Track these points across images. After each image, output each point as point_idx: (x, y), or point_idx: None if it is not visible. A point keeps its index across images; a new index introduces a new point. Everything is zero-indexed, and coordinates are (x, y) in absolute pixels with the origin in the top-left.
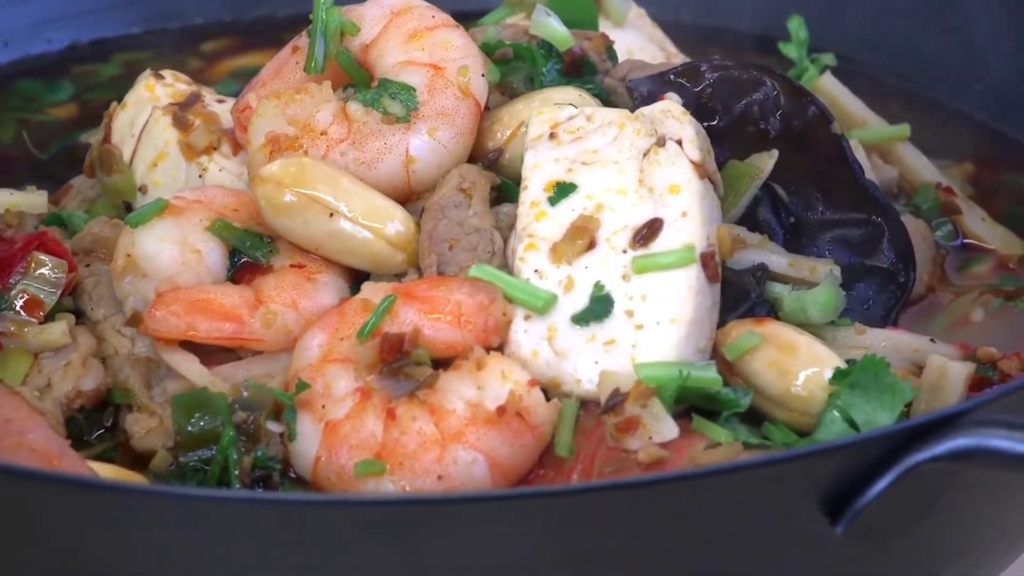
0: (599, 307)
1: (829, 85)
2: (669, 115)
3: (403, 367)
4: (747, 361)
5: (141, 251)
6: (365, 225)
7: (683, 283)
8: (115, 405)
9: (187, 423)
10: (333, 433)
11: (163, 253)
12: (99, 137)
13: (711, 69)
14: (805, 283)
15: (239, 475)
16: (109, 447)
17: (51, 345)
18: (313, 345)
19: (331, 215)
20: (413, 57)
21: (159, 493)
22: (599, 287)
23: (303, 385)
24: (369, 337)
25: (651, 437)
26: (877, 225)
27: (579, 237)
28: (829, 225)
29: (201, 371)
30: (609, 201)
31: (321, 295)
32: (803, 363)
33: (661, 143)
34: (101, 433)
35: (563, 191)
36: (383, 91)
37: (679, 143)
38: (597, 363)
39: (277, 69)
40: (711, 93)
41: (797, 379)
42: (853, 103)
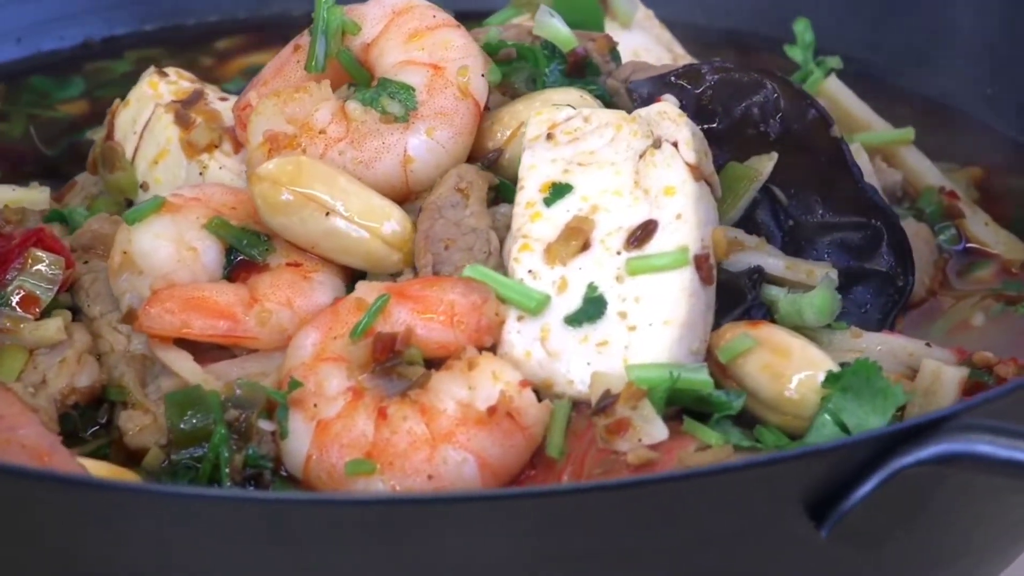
0: (592, 308)
1: (834, 88)
2: (665, 117)
3: (395, 366)
4: (740, 364)
5: (137, 248)
6: (361, 224)
7: (676, 285)
8: (110, 402)
9: (180, 421)
10: (324, 432)
11: (159, 250)
12: (102, 134)
13: (712, 71)
14: (802, 286)
15: (230, 473)
16: (103, 444)
17: (46, 341)
18: (306, 344)
19: (327, 214)
20: (413, 57)
21: (143, 491)
22: (592, 288)
23: (295, 383)
24: (362, 336)
25: (641, 439)
26: (876, 229)
27: (573, 238)
28: (828, 228)
29: (194, 368)
30: (604, 202)
31: (316, 294)
32: (796, 366)
33: (657, 145)
34: (96, 430)
35: (558, 192)
36: (382, 90)
37: (675, 145)
38: (589, 364)
39: (278, 68)
40: (711, 95)
41: (790, 382)
42: (857, 106)
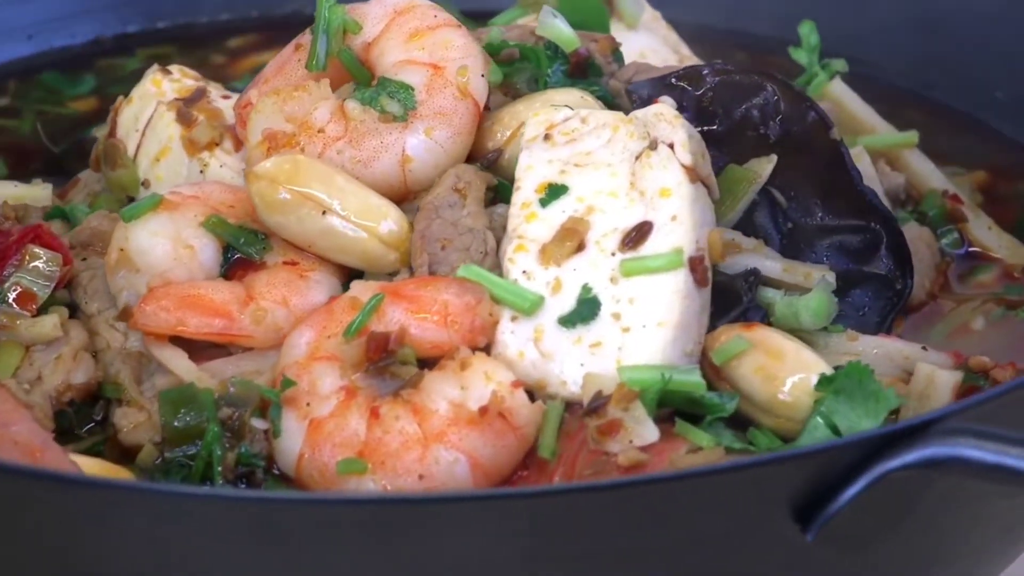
0: (586, 309)
1: (838, 91)
2: (662, 118)
3: (389, 366)
4: (734, 366)
5: (134, 245)
6: (358, 223)
7: (670, 287)
8: (106, 399)
9: (173, 418)
10: (317, 431)
11: (156, 248)
12: (105, 131)
13: (712, 73)
14: (800, 289)
15: (222, 471)
16: (99, 441)
17: (42, 338)
18: (300, 343)
19: (324, 213)
20: (413, 56)
21: (131, 488)
22: (587, 289)
23: (288, 382)
24: (356, 335)
25: (632, 440)
26: (875, 232)
27: (568, 239)
28: (828, 231)
29: (189, 366)
30: (600, 203)
31: (312, 293)
32: (790, 369)
33: (653, 146)
34: (91, 427)
35: (554, 193)
36: (382, 90)
37: (671, 147)
38: (583, 365)
39: (280, 66)
40: (712, 97)
41: (783, 385)
42: (862, 109)
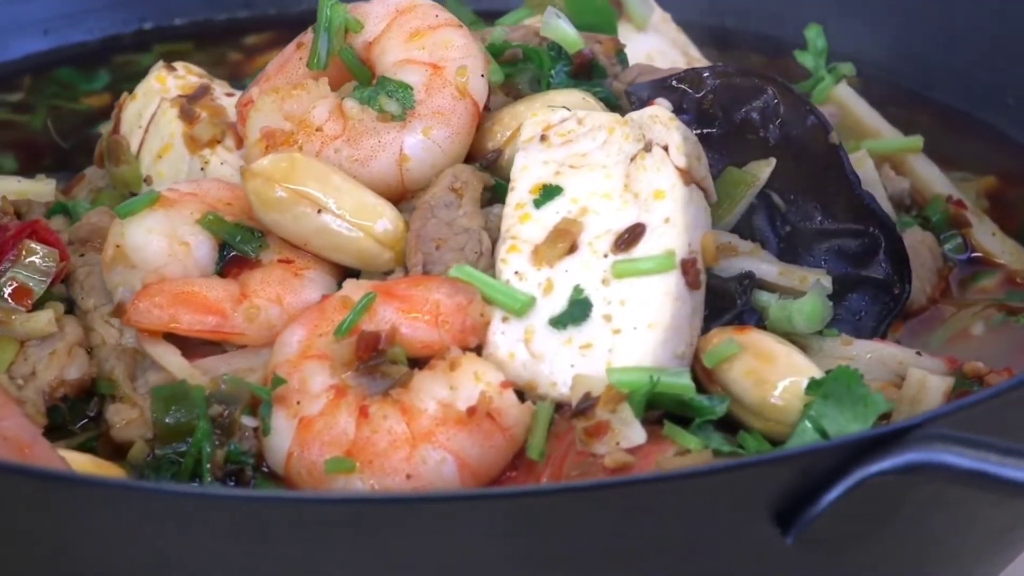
0: (577, 310)
1: (844, 95)
2: (657, 120)
3: (379, 365)
4: (725, 369)
5: (130, 242)
6: (353, 222)
7: (662, 289)
8: (100, 395)
9: (164, 415)
10: (306, 429)
11: (151, 244)
12: (109, 127)
13: (712, 75)
14: (796, 292)
15: (211, 469)
16: (92, 437)
17: (37, 333)
18: (292, 341)
19: (319, 211)
20: (413, 56)
21: (104, 485)
22: (578, 291)
23: (279, 380)
24: (347, 334)
25: (619, 442)
26: (874, 236)
27: (560, 240)
28: (826, 235)
29: (181, 363)
30: (594, 205)
31: (307, 291)
32: (780, 373)
33: (648, 148)
34: (85, 423)
35: (549, 194)
36: (381, 89)
37: (666, 149)
38: (573, 366)
39: (281, 64)
40: (712, 99)
41: (774, 389)
42: (867, 113)
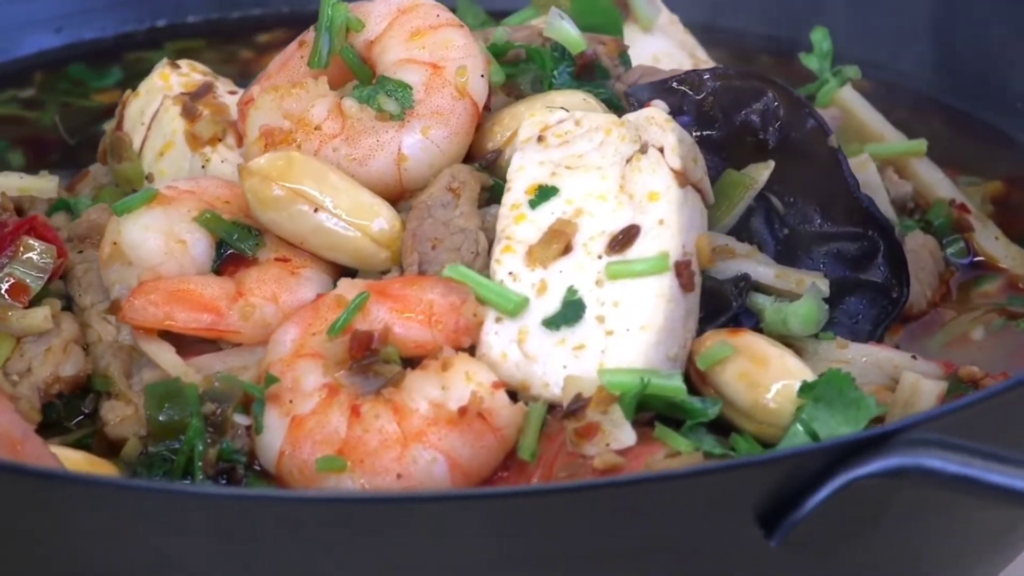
0: (570, 311)
1: (848, 98)
2: (653, 122)
3: (372, 364)
4: (718, 371)
5: (127, 239)
6: (350, 221)
7: (655, 290)
8: (96, 392)
9: (158, 412)
10: (298, 428)
11: (148, 242)
12: (113, 124)
13: (713, 77)
14: (792, 295)
15: (203, 467)
16: (87, 434)
17: (33, 330)
18: (286, 339)
19: (316, 210)
20: (414, 55)
21: (94, 483)
22: (572, 291)
23: (271, 379)
24: (340, 333)
25: (609, 444)
26: (872, 240)
27: (555, 241)
28: (825, 238)
29: (176, 361)
30: (589, 206)
31: (303, 290)
32: (773, 376)
33: (644, 150)
34: (80, 420)
35: (544, 194)
36: (380, 88)
37: (661, 151)
38: (566, 367)
39: (283, 63)
40: (712, 101)
41: (767, 391)
42: (871, 116)
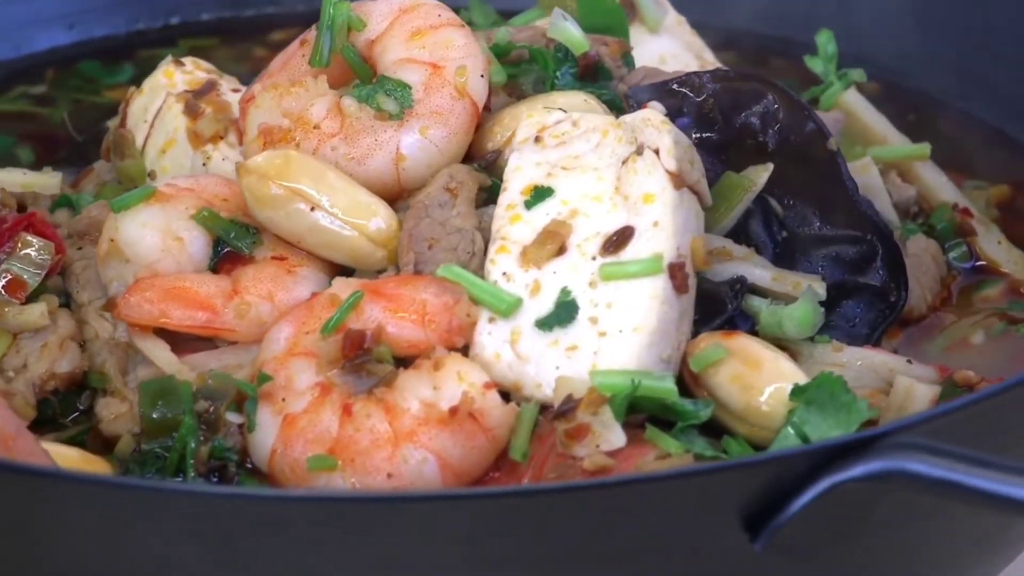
0: (563, 312)
1: (852, 101)
2: (649, 123)
3: (365, 363)
4: (711, 373)
5: (124, 236)
6: (346, 220)
7: (648, 292)
8: (92, 389)
9: (151, 410)
10: (290, 426)
11: (145, 239)
12: (117, 121)
13: (713, 79)
14: (789, 298)
15: (195, 464)
16: (83, 430)
17: (30, 326)
18: (280, 338)
19: (313, 209)
20: (414, 55)
21: (78, 479)
22: (565, 292)
23: (264, 377)
24: (333, 332)
25: (599, 445)
26: (871, 243)
27: (549, 242)
28: (824, 241)
29: (170, 358)
30: (584, 207)
31: (299, 288)
32: (766, 379)
33: (639, 151)
34: (76, 416)
35: (540, 195)
36: (379, 87)
37: (657, 152)
38: (559, 368)
39: (285, 61)
40: (713, 103)
41: (759, 394)
42: (875, 119)
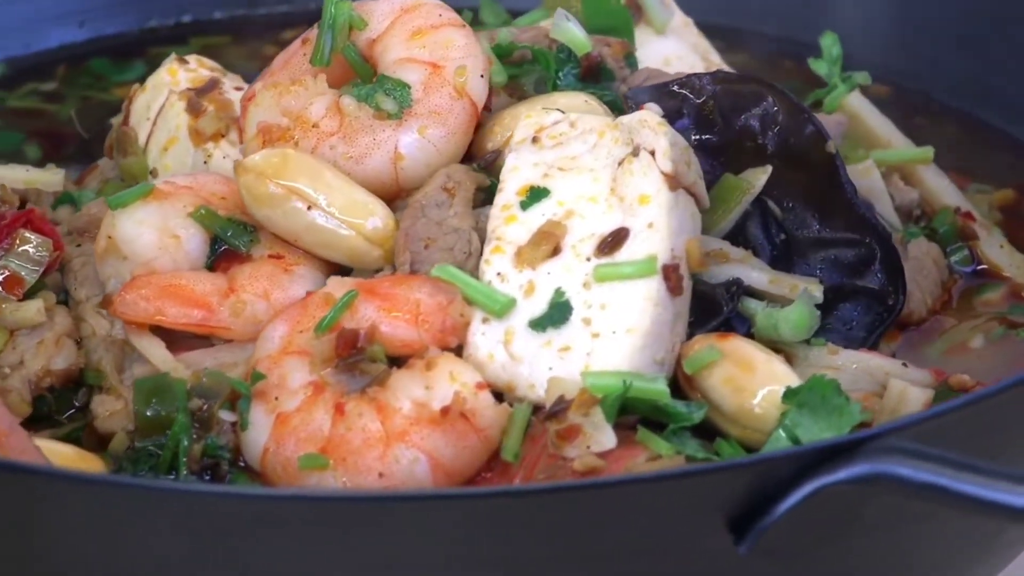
0: (557, 313)
1: (855, 104)
2: (645, 125)
3: (358, 363)
4: (705, 376)
5: (121, 234)
6: (343, 220)
7: (642, 294)
8: (88, 386)
9: (146, 407)
10: (283, 425)
11: (142, 237)
12: (120, 119)
13: (713, 81)
14: (786, 301)
15: (187, 462)
16: (79, 427)
17: (26, 323)
18: (274, 336)
19: (309, 208)
20: (414, 54)
21: (66, 477)
22: (559, 293)
23: (258, 375)
24: (327, 331)
25: (589, 446)
26: (870, 247)
27: (544, 242)
28: (823, 244)
29: (165, 356)
30: (580, 208)
31: (295, 287)
32: (760, 381)
33: (635, 153)
34: (72, 413)
35: (535, 196)
36: (379, 87)
37: (653, 154)
38: (551, 369)
39: (286, 60)
40: (713, 105)
41: (752, 397)
42: (879, 122)
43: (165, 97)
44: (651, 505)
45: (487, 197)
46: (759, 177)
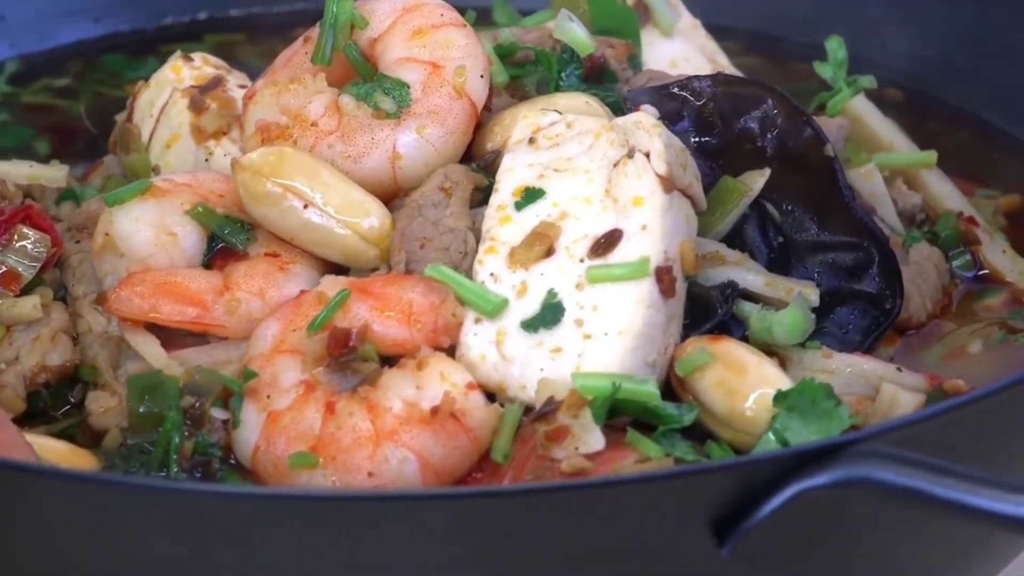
0: (549, 314)
1: (859, 107)
2: (640, 127)
3: (350, 362)
4: (696, 378)
5: (118, 231)
6: (339, 218)
7: (634, 296)
8: (83, 382)
9: (138, 404)
10: (274, 423)
11: (139, 234)
12: (124, 115)
13: (713, 84)
14: (781, 304)
15: (178, 459)
16: (73, 423)
17: (22, 319)
18: (267, 335)
19: (306, 206)
20: (414, 54)
21: (51, 473)
22: (552, 294)
23: (250, 374)
24: (319, 330)
25: (577, 448)
26: (867, 251)
27: (537, 243)
28: (820, 247)
29: (159, 353)
30: (574, 209)
31: (290, 285)
32: (751, 384)
33: (631, 155)
34: (68, 409)
35: (530, 197)
36: (378, 86)
37: (648, 156)
38: (543, 370)
39: (288, 58)
40: (712, 108)
41: (743, 400)
42: (883, 126)
43: (169, 94)
44: (635, 506)
45: (485, 197)
46: (757, 180)
